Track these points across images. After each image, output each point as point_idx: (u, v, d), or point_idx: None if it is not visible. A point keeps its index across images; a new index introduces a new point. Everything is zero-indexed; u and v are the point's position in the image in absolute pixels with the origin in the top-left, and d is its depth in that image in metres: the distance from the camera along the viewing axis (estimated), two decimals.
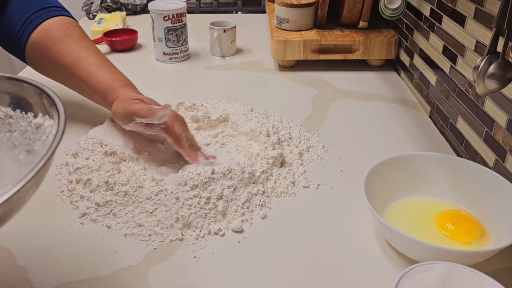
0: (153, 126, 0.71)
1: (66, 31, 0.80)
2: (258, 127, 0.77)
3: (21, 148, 0.48)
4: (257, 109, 0.87)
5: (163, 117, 0.68)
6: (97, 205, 0.63)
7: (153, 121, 0.68)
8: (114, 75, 0.78)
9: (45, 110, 0.46)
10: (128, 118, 0.71)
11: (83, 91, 0.81)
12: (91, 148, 0.72)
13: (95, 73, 0.77)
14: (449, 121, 0.82)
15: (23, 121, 0.48)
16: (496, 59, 0.55)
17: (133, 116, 0.70)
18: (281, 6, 1.10)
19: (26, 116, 0.48)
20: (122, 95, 0.74)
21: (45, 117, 0.46)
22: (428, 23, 0.91)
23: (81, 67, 0.77)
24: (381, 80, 1.06)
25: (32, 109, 0.48)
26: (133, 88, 0.78)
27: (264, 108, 0.90)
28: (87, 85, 0.78)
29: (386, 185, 0.64)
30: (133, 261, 0.57)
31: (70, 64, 0.78)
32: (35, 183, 0.37)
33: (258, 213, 0.65)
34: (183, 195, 0.63)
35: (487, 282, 0.46)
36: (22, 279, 0.54)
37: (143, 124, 0.71)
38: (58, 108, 0.43)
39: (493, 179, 0.61)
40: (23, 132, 0.48)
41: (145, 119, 0.69)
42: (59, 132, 0.40)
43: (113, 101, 0.75)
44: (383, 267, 0.57)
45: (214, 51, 1.19)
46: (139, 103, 0.71)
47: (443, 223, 0.60)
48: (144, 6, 1.48)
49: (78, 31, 0.82)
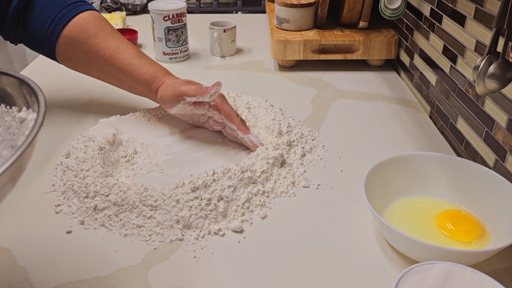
0: (202, 105, 0.76)
1: (99, 25, 0.82)
2: (271, 125, 0.78)
3: (5, 144, 0.47)
4: (276, 106, 0.88)
5: (215, 93, 0.72)
6: (95, 209, 0.63)
7: (205, 99, 0.72)
8: (155, 65, 0.82)
9: (28, 103, 0.45)
10: (178, 99, 0.75)
11: (123, 83, 0.83)
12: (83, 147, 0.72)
13: (137, 64, 0.80)
14: (449, 121, 0.82)
15: (8, 116, 0.47)
16: (496, 59, 0.55)
17: (184, 96, 0.74)
18: (281, 6, 1.10)
19: (10, 110, 0.47)
20: (167, 81, 0.79)
21: (28, 110, 0.45)
22: (428, 23, 0.91)
23: (122, 59, 0.80)
24: (381, 80, 1.06)
25: (15, 103, 0.46)
26: (173, 76, 0.82)
27: None
28: (129, 76, 0.81)
29: (386, 185, 0.64)
30: (133, 261, 0.57)
31: (110, 57, 0.80)
32: (10, 177, 0.36)
33: (258, 213, 0.65)
34: (183, 197, 0.62)
35: (487, 282, 0.46)
36: (22, 279, 0.54)
37: (192, 104, 0.75)
38: (38, 99, 0.42)
39: (493, 179, 0.61)
40: (8, 127, 0.47)
41: (197, 98, 0.73)
42: (37, 123, 0.39)
43: (158, 88, 0.79)
44: (383, 267, 0.57)
45: (214, 51, 1.19)
46: (187, 84, 0.75)
47: (443, 223, 0.60)
48: (144, 6, 1.49)
49: (109, 25, 0.84)
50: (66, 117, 0.88)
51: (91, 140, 0.73)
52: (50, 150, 0.78)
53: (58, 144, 0.79)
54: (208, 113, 0.78)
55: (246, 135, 0.76)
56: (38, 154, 0.77)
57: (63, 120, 0.87)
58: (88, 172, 0.67)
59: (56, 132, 0.83)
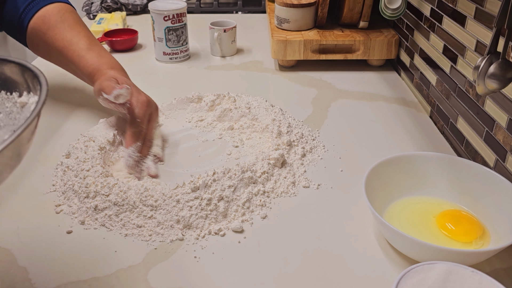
0: (121, 104, 0.74)
1: (61, 17, 0.84)
2: (270, 126, 0.78)
3: (6, 129, 0.47)
4: (276, 106, 0.88)
5: (119, 96, 0.71)
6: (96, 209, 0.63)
7: (110, 98, 0.72)
8: (102, 59, 0.81)
9: (29, 87, 0.46)
10: (98, 93, 0.74)
11: (75, 73, 0.86)
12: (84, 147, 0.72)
13: (84, 57, 0.81)
14: (450, 121, 0.82)
15: (8, 102, 0.48)
16: (497, 59, 0.55)
17: (101, 92, 0.73)
18: (282, 6, 1.10)
19: (11, 96, 0.48)
20: (106, 74, 0.78)
21: (29, 94, 0.45)
22: (429, 23, 0.91)
23: (72, 51, 0.82)
24: (381, 80, 1.06)
25: (16, 89, 0.47)
26: (120, 70, 0.82)
27: None
28: (77, 68, 0.82)
29: (386, 185, 0.64)
30: (133, 261, 0.57)
31: (63, 47, 0.82)
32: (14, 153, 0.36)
33: (259, 213, 0.65)
34: (183, 197, 0.62)
35: (487, 282, 0.46)
36: (23, 279, 0.54)
37: (110, 101, 0.74)
38: (40, 81, 0.43)
39: (494, 179, 0.61)
40: (9, 113, 0.48)
41: (107, 96, 0.72)
42: (40, 102, 0.39)
43: None
44: (383, 267, 0.57)
45: (214, 51, 1.19)
46: (110, 80, 0.75)
47: (443, 223, 0.60)
48: (144, 6, 1.49)
49: (72, 17, 0.85)
50: (66, 117, 0.88)
51: (91, 140, 0.73)
52: (50, 150, 0.78)
53: (58, 144, 0.79)
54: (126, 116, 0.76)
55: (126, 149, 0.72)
56: (38, 154, 0.77)
57: (63, 120, 0.87)
58: (89, 172, 0.67)
59: (56, 132, 0.83)
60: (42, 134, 0.82)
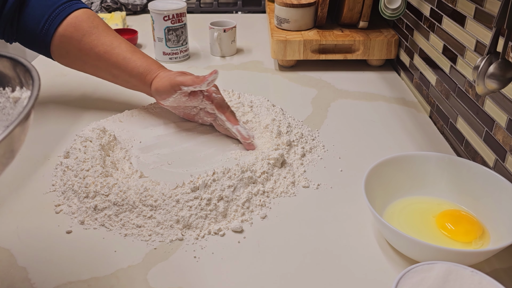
0: (196, 96, 0.77)
1: (92, 22, 0.83)
2: (270, 126, 0.79)
3: (0, 125, 0.47)
4: (277, 105, 0.88)
5: (212, 82, 0.74)
6: (95, 209, 0.63)
7: (202, 87, 0.74)
8: (149, 59, 0.83)
9: (21, 82, 0.45)
10: (174, 89, 0.76)
11: (117, 77, 0.85)
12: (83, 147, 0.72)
13: (131, 58, 0.82)
14: (449, 121, 0.82)
15: (1, 97, 0.47)
16: (496, 59, 0.55)
17: (180, 86, 0.76)
18: (281, 6, 1.10)
19: (3, 92, 0.47)
20: (161, 73, 0.80)
21: (22, 89, 0.45)
22: (428, 23, 0.91)
23: (116, 54, 0.82)
24: (381, 80, 1.06)
25: (9, 84, 0.47)
26: (168, 69, 0.83)
27: None
28: (124, 70, 0.82)
29: (386, 185, 0.64)
30: (133, 261, 0.57)
31: (104, 52, 0.82)
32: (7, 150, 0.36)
33: (258, 213, 0.65)
34: (183, 197, 0.62)
35: (487, 282, 0.46)
36: (22, 279, 0.54)
37: (187, 94, 0.77)
38: (32, 75, 0.42)
39: (493, 179, 0.61)
40: (2, 108, 0.47)
41: (194, 87, 0.74)
42: (32, 97, 0.39)
43: (153, 80, 0.80)
44: (382, 267, 0.57)
45: (214, 51, 1.19)
46: (183, 75, 0.77)
47: (443, 223, 0.60)
48: (144, 6, 1.48)
49: (102, 22, 0.86)
50: (66, 117, 0.88)
51: (89, 140, 0.73)
52: (50, 150, 0.78)
53: (58, 144, 0.79)
54: (201, 105, 0.80)
55: (235, 126, 0.77)
56: (38, 154, 0.77)
57: (64, 120, 0.87)
58: (88, 172, 0.67)
59: (56, 132, 0.83)
60: (42, 134, 0.83)
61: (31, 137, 0.81)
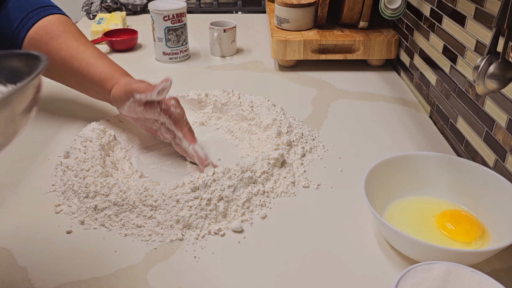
0: (152, 107, 0.71)
1: (64, 27, 0.82)
2: (271, 126, 0.78)
3: None
4: (278, 105, 0.88)
5: (163, 90, 0.69)
6: (95, 209, 0.63)
7: (153, 96, 0.69)
8: (113, 66, 0.80)
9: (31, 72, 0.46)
10: (127, 95, 0.72)
11: (80, 84, 0.82)
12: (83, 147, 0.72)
13: (95, 63, 0.79)
14: (449, 121, 0.82)
15: None
16: (496, 59, 0.55)
17: (132, 93, 0.71)
18: (281, 6, 1.10)
19: None
20: (122, 80, 0.76)
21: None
22: (428, 23, 0.91)
23: (80, 59, 0.79)
24: (381, 80, 1.06)
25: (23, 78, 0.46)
26: (132, 77, 0.80)
27: None
28: (86, 76, 0.79)
29: (386, 185, 0.64)
30: (133, 261, 0.57)
31: (69, 56, 0.79)
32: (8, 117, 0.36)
33: (258, 213, 0.65)
34: (183, 197, 0.62)
35: (487, 282, 0.46)
36: (22, 279, 0.54)
37: (142, 104, 0.71)
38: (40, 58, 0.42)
39: (493, 179, 0.61)
40: None
41: (146, 95, 0.70)
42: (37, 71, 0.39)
43: (113, 87, 0.76)
44: (383, 267, 0.57)
45: (214, 51, 1.19)
46: (139, 82, 0.73)
47: (443, 223, 0.60)
48: (144, 6, 1.48)
49: (75, 28, 0.84)
50: (66, 117, 0.88)
51: (89, 140, 0.73)
52: (50, 150, 0.78)
53: (58, 144, 0.79)
54: (160, 119, 0.73)
55: (192, 144, 0.71)
56: (38, 154, 0.77)
57: (64, 120, 0.87)
58: (88, 172, 0.67)
59: (56, 132, 0.83)
60: (42, 134, 0.83)
61: (31, 137, 0.81)
